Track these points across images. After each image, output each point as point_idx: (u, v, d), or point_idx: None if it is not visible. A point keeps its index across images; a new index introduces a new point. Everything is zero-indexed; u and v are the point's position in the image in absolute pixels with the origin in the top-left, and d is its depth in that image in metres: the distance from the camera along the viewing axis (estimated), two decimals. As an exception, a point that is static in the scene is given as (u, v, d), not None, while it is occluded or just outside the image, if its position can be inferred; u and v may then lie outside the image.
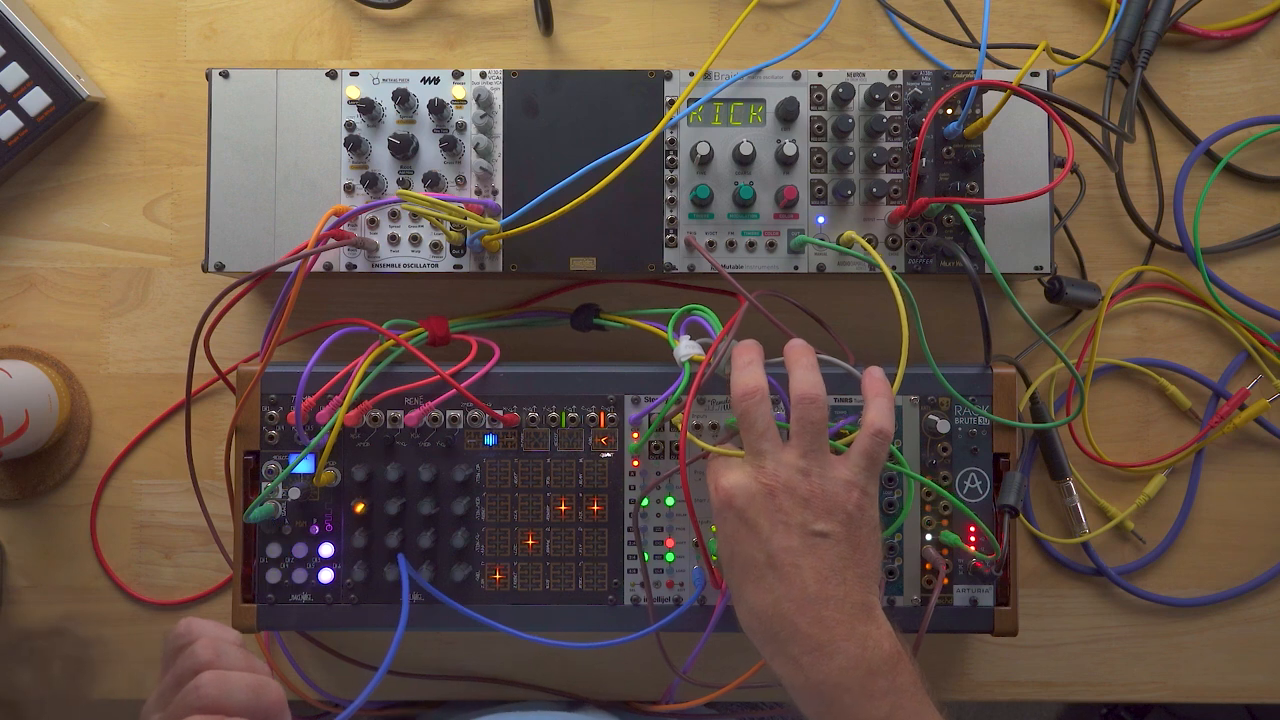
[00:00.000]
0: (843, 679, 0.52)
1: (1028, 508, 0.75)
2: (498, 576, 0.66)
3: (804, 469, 0.55)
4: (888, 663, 0.52)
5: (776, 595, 0.54)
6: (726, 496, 0.55)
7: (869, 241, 0.67)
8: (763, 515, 0.54)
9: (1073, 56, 0.73)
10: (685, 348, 0.63)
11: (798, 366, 0.58)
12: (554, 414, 0.66)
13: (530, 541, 0.66)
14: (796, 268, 0.68)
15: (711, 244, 0.68)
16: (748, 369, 0.57)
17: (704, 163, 0.67)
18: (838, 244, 0.67)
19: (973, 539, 0.66)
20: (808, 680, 0.52)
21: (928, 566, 0.66)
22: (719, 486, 0.56)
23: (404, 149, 0.67)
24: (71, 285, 0.75)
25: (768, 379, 0.57)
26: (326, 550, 0.65)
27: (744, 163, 0.67)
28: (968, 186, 0.68)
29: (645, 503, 0.66)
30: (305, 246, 0.63)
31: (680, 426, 0.61)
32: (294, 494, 0.66)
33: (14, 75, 0.71)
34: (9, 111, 0.71)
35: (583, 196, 0.61)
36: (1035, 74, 0.68)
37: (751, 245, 0.68)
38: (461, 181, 0.68)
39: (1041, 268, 0.68)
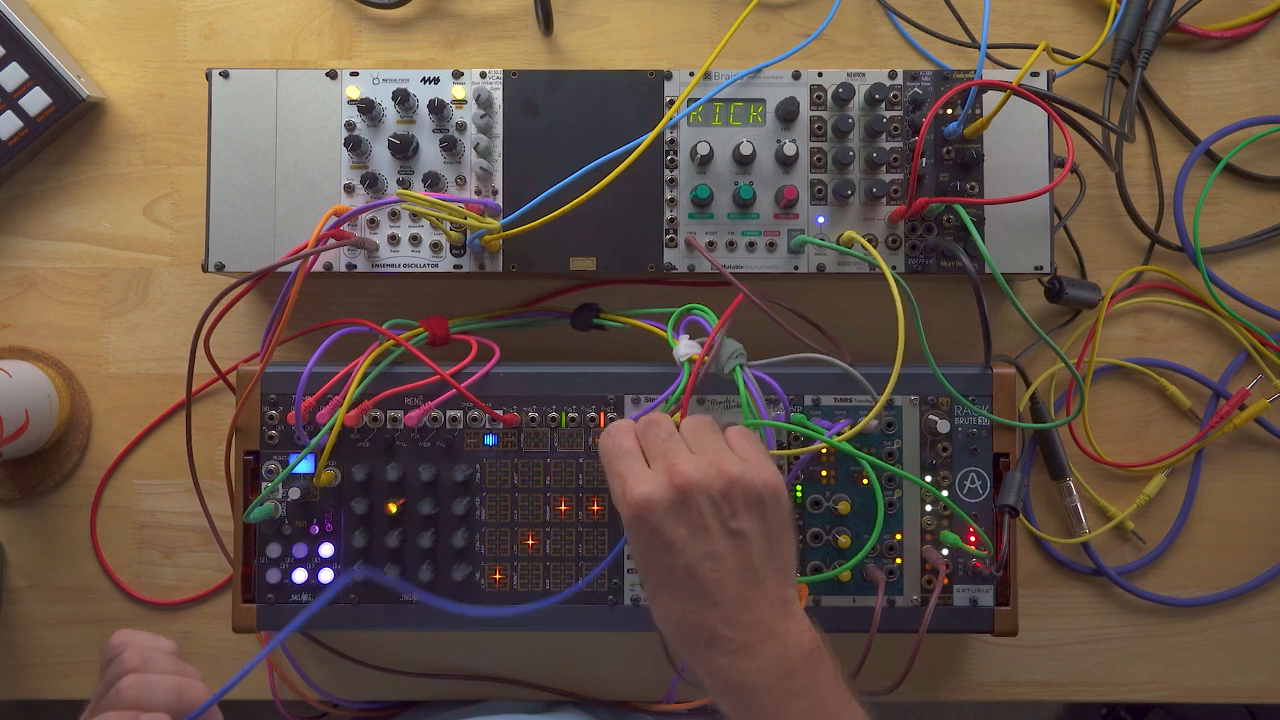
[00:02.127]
0: (761, 679, 0.50)
1: (1028, 508, 0.75)
2: (498, 576, 0.66)
3: (713, 461, 0.52)
4: (807, 660, 0.51)
5: (697, 603, 0.51)
6: (639, 511, 0.51)
7: (869, 241, 0.67)
8: (681, 526, 0.51)
9: (1073, 56, 0.73)
10: (685, 347, 0.63)
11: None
12: (554, 414, 0.66)
13: (530, 541, 0.66)
14: (796, 268, 0.68)
15: (711, 244, 0.68)
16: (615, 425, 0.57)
17: (704, 163, 0.67)
18: (838, 244, 0.67)
19: (973, 539, 0.66)
20: (727, 683, 0.51)
21: (928, 566, 0.66)
22: (629, 499, 0.52)
23: (404, 149, 0.67)
24: (71, 285, 0.75)
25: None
26: (326, 550, 0.65)
27: (744, 163, 0.67)
28: (968, 186, 0.68)
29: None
30: (305, 246, 0.63)
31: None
32: (294, 494, 0.66)
33: (14, 75, 0.71)
34: (9, 111, 0.71)
35: (583, 196, 0.61)
36: (1035, 74, 0.68)
37: (751, 245, 0.68)
38: (461, 181, 0.68)
39: (1041, 268, 0.68)
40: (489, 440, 0.66)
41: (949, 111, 0.67)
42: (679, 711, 0.74)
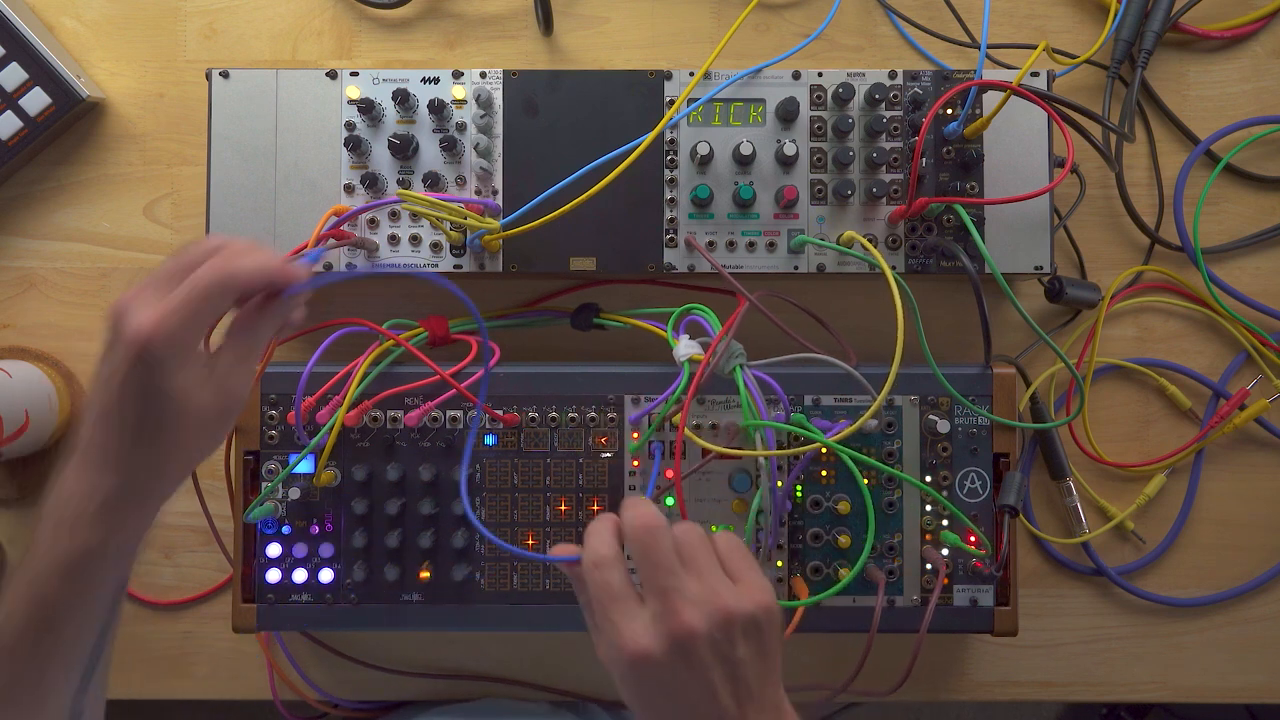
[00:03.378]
0: None
1: (1028, 508, 0.75)
2: (498, 576, 0.66)
3: (710, 598, 0.49)
4: None
5: None
6: (638, 669, 0.48)
7: (869, 241, 0.67)
8: (684, 675, 0.48)
9: (1073, 56, 0.73)
10: (685, 347, 0.63)
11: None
12: (554, 414, 0.66)
13: (530, 542, 0.66)
14: (796, 268, 0.68)
15: (711, 244, 0.68)
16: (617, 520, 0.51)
17: (704, 163, 0.67)
18: (838, 244, 0.67)
19: (972, 539, 0.66)
20: None
21: (928, 566, 0.66)
22: (624, 650, 0.48)
23: (404, 149, 0.67)
24: (71, 285, 0.75)
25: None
26: (326, 550, 0.65)
27: (744, 163, 0.67)
28: (968, 186, 0.68)
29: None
30: (305, 246, 0.63)
31: (679, 425, 0.61)
32: (294, 494, 0.66)
33: (14, 75, 0.71)
34: (9, 111, 0.71)
35: (583, 196, 0.61)
36: (1035, 74, 0.68)
37: (751, 245, 0.68)
38: (461, 181, 0.68)
39: (1041, 268, 0.68)
40: (489, 440, 0.66)
41: (949, 111, 0.67)
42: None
